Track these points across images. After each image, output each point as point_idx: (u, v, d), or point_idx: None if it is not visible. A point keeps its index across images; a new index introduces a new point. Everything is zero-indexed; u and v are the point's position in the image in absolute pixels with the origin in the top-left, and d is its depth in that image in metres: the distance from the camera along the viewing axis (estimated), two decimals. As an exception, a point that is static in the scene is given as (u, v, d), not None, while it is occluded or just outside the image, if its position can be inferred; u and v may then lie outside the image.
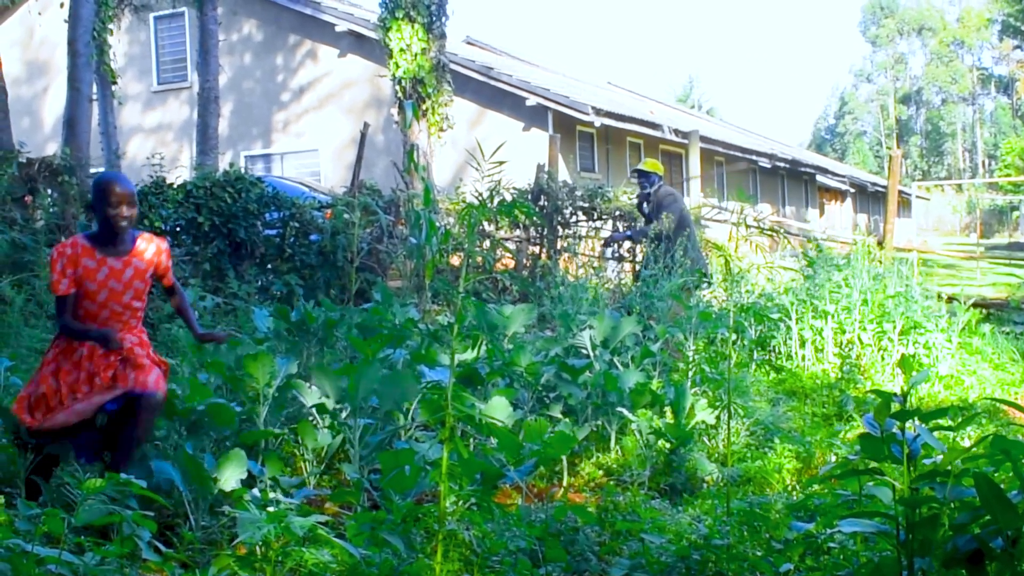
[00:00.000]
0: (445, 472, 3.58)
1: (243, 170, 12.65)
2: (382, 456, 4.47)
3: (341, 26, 21.12)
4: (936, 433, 3.71)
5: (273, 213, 11.18)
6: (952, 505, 3.29)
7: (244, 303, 9.64)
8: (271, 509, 3.48)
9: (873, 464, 3.43)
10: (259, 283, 10.69)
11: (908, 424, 3.32)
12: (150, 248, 5.01)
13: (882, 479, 3.43)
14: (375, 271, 11.23)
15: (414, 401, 5.57)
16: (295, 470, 5.52)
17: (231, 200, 10.73)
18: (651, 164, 9.15)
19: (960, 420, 4.45)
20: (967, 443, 5.57)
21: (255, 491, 4.03)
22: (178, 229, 10.62)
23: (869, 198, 35.75)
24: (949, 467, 3.40)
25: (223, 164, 14.03)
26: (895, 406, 3.33)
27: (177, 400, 5.27)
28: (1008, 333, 11.29)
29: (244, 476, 4.67)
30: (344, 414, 5.55)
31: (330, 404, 5.61)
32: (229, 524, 4.44)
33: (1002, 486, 3.20)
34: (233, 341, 6.55)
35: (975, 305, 12.46)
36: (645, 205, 8.84)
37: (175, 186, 10.77)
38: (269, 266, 11.03)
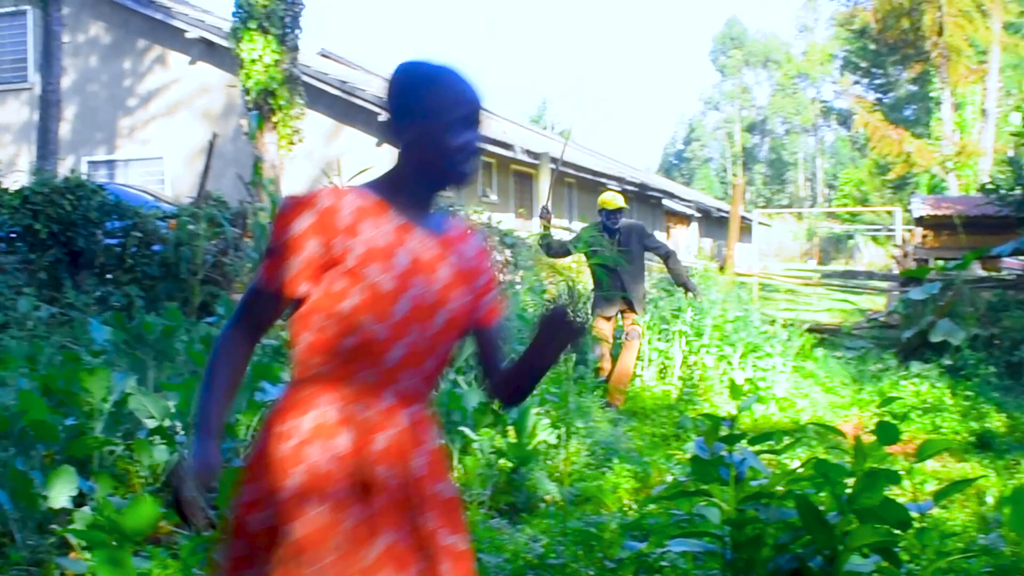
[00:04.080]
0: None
1: (85, 176, 12.31)
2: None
3: (192, 33, 20.72)
4: (765, 455, 3.85)
5: (115, 222, 10.90)
6: (776, 525, 3.43)
7: (81, 314, 9.37)
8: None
9: (703, 486, 3.55)
10: (98, 294, 10.40)
11: (736, 447, 3.44)
12: (473, 242, 2.55)
13: (711, 500, 3.55)
14: (219, 284, 11.05)
15: (255, 418, 5.50)
16: (129, 488, 5.39)
17: (71, 207, 10.43)
18: (613, 202, 9.25)
19: (786, 443, 4.62)
20: (797, 464, 5.78)
21: (86, 509, 3.93)
22: (13, 236, 10.27)
23: (714, 223, 36.72)
24: (774, 489, 3.55)
25: (64, 169, 13.63)
26: (724, 430, 3.45)
27: (6, 413, 5.10)
28: (840, 357, 11.74)
29: (74, 493, 4.54)
30: (183, 430, 5.45)
31: (168, 420, 5.50)
32: (58, 543, 4.32)
33: (822, 507, 3.35)
34: (68, 353, 6.36)
35: (810, 330, 12.92)
36: (610, 238, 8.94)
37: (11, 191, 10.42)
38: (109, 276, 10.75)
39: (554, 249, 9.21)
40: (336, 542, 2.18)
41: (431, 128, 2.36)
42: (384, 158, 18.79)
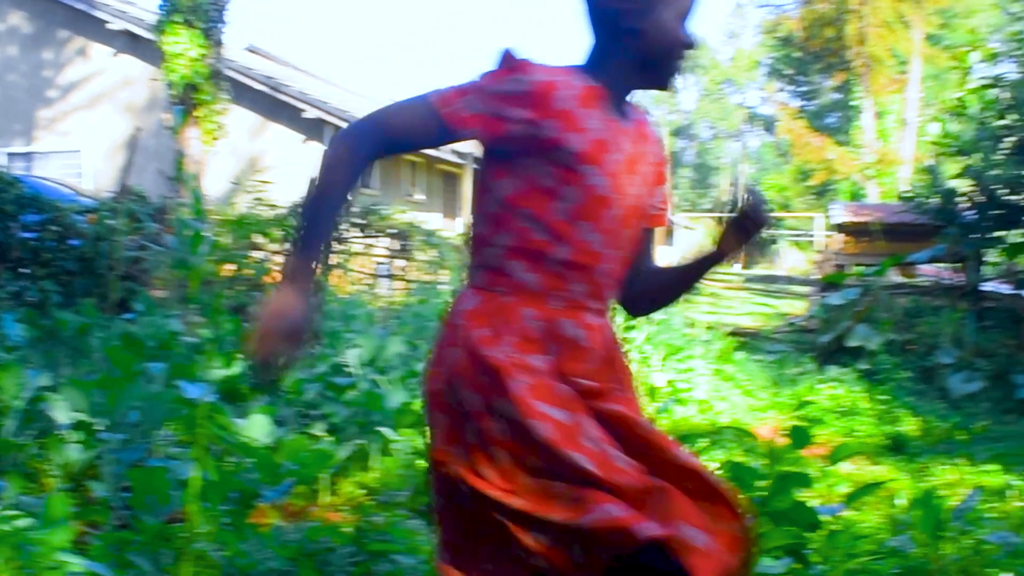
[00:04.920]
0: (195, 491, 3.52)
1: (2, 168, 12.06)
2: (132, 474, 4.34)
3: (115, 24, 20.41)
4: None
5: (32, 215, 10.68)
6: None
7: (-6, 309, 9.18)
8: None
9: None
10: (12, 289, 10.19)
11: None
12: (653, 133, 2.33)
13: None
14: (138, 280, 10.89)
15: (172, 417, 5.44)
16: (42, 487, 5.29)
17: (-14, 200, 10.22)
18: None
19: (703, 446, 4.67)
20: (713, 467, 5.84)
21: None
22: (-75, 229, 10.04)
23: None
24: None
25: (-20, 161, 13.35)
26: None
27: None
28: (760, 361, 11.90)
29: (-17, 493, 4.45)
30: (98, 429, 5.37)
31: (83, 419, 5.41)
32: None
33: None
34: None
35: (732, 333, 13.08)
36: None
37: (-76, 183, 10.18)
38: (24, 271, 10.53)
39: None
40: (584, 433, 1.99)
41: (665, 17, 2.13)
42: (310, 154, 18.68)
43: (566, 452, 1.93)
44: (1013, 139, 13.27)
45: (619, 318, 2.40)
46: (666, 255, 29.39)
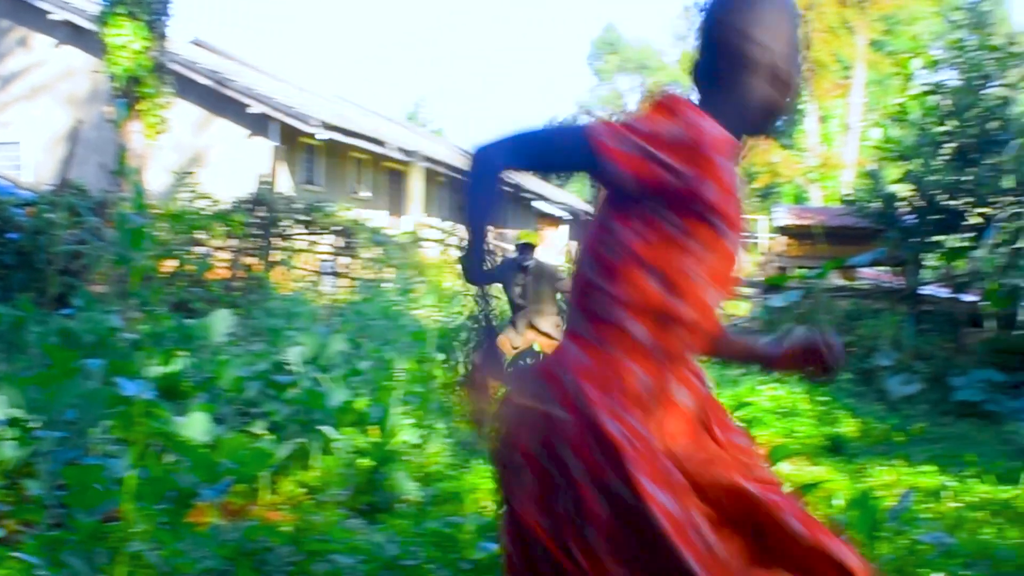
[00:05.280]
0: (131, 490, 3.48)
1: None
2: (68, 472, 4.28)
3: (57, 15, 20.12)
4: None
5: (-32, 208, 10.52)
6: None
7: (-70, 303, 9.02)
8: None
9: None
10: (-52, 282, 10.04)
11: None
12: None
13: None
14: (77, 275, 10.74)
15: (110, 415, 5.36)
16: (-27, 485, 5.20)
17: (-79, 192, 10.04)
18: (530, 236, 9.34)
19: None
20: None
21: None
22: None
23: (586, 226, 37.08)
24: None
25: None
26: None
27: None
28: (703, 361, 11.95)
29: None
30: (34, 426, 5.28)
31: (18, 416, 5.33)
32: None
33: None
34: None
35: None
36: (523, 275, 9.02)
37: None
38: (-40, 265, 10.37)
39: (473, 273, 9.18)
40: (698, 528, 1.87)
41: (785, 64, 2.09)
42: (254, 150, 18.55)
43: (676, 548, 1.82)
44: (952, 145, 13.47)
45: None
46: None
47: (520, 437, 1.97)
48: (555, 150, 1.93)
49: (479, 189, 1.95)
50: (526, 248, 9.11)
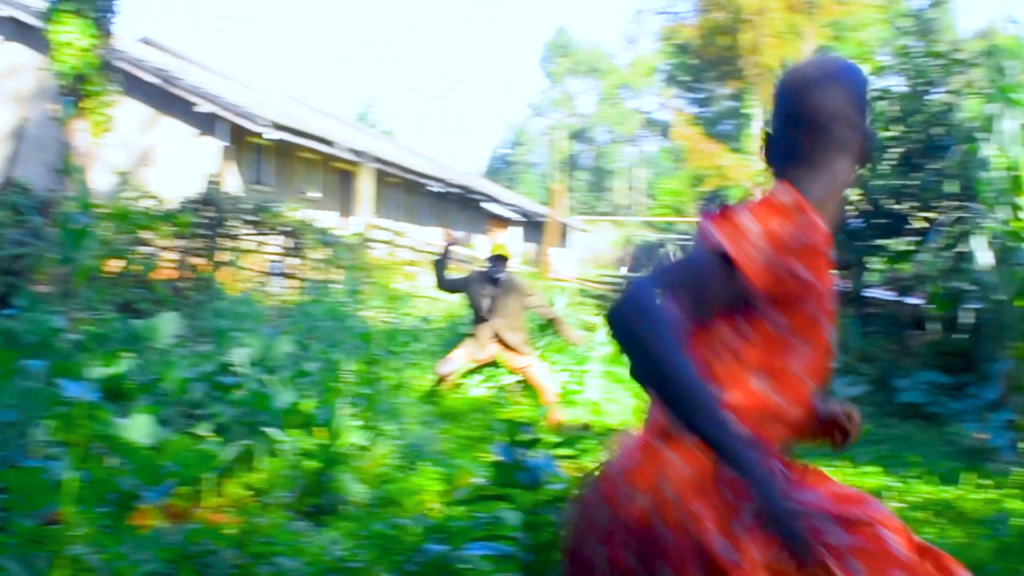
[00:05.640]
0: (72, 493, 3.44)
1: None
2: (7, 474, 4.22)
3: (2, 11, 19.84)
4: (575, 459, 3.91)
5: (-92, 207, 10.35)
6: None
7: None
8: None
9: (503, 490, 3.58)
10: None
11: (535, 452, 3.49)
12: None
13: (510, 504, 3.58)
14: (20, 275, 10.59)
15: (51, 416, 5.29)
16: None
17: None
18: (503, 248, 9.33)
19: (586, 447, 4.71)
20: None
21: None
22: None
23: (537, 228, 37.17)
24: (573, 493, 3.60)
25: None
26: (523, 434, 3.49)
27: None
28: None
29: None
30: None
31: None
32: None
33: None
34: None
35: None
36: (493, 287, 8.99)
37: None
38: (-100, 264, 10.20)
39: (446, 282, 9.17)
40: None
41: (869, 136, 2.05)
42: (202, 149, 18.39)
43: None
44: (898, 150, 13.64)
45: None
46: (564, 259, 29.57)
47: (607, 543, 1.89)
48: (705, 284, 1.80)
49: (657, 336, 1.69)
50: (498, 260, 9.11)
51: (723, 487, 1.82)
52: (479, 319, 9.08)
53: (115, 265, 10.87)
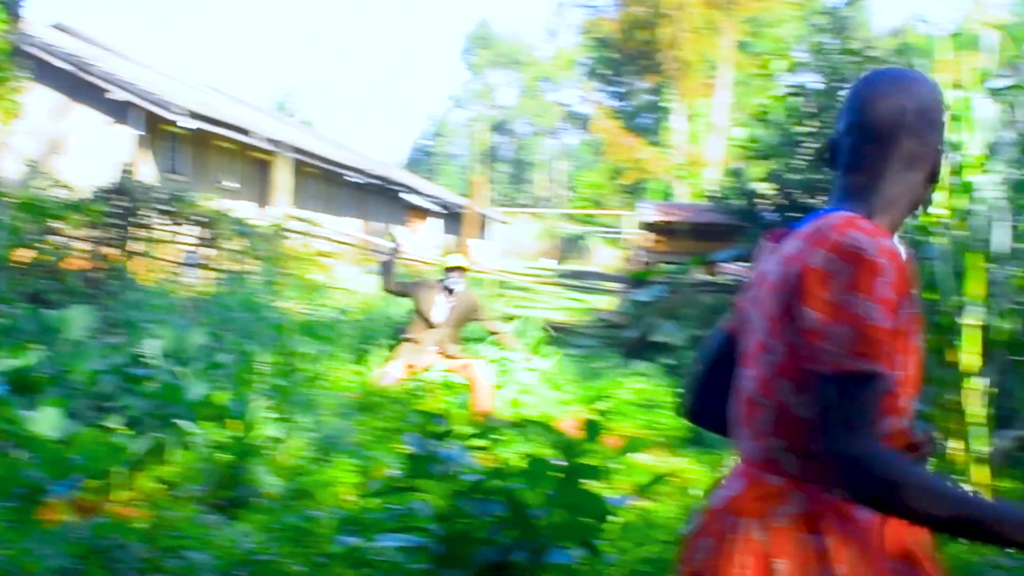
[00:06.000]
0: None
1: None
2: (-93, 469, 4.13)
3: (-94, -6, 19.31)
4: (500, 451, 3.91)
5: None
6: (485, 520, 3.49)
7: None
8: None
9: (416, 481, 3.58)
10: None
11: (448, 443, 3.49)
12: None
13: (424, 495, 3.58)
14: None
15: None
16: None
17: None
18: (461, 260, 9.27)
19: (501, 439, 4.73)
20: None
21: None
22: None
23: (457, 219, 37.13)
24: (488, 484, 3.61)
25: None
26: (437, 426, 3.49)
27: None
28: (570, 355, 12.09)
29: None
30: None
31: None
32: None
33: (529, 503, 3.43)
34: None
35: (543, 328, 13.25)
36: (447, 296, 8.96)
37: None
38: None
39: (395, 284, 9.11)
40: None
41: (941, 148, 2.00)
42: (116, 138, 18.08)
43: None
44: (813, 145, 13.87)
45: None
46: (485, 251, 29.58)
47: None
48: (875, 403, 1.72)
49: (925, 491, 1.67)
50: (456, 271, 9.10)
51: (856, 541, 1.81)
52: (425, 326, 9.06)
53: (25, 255, 10.64)
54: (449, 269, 9.15)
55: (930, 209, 8.60)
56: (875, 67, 2.07)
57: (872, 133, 1.97)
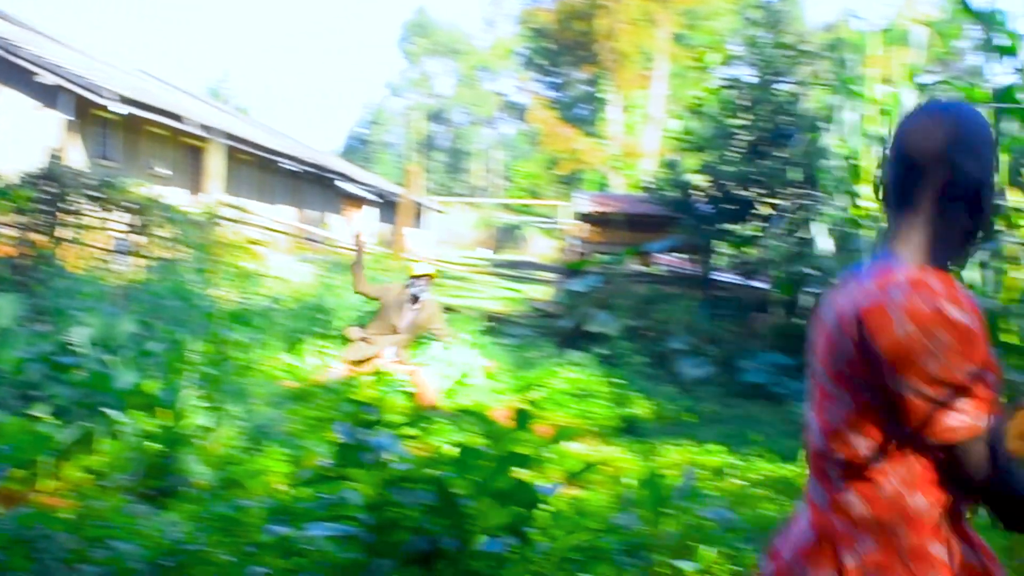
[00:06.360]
0: None
1: None
2: None
3: None
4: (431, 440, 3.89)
5: None
6: (415, 509, 3.48)
7: None
8: None
9: (346, 470, 3.56)
10: None
11: (378, 432, 3.48)
12: None
13: (354, 484, 3.56)
14: None
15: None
16: None
17: None
18: (429, 268, 9.23)
19: (429, 427, 4.72)
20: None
21: None
22: None
23: (393, 208, 36.96)
24: (419, 473, 3.60)
25: None
26: (367, 415, 3.47)
27: None
28: (505, 344, 12.11)
29: None
30: None
31: None
32: None
33: (460, 491, 3.43)
34: None
35: (479, 318, 13.26)
36: (412, 304, 8.93)
37: None
38: None
39: (364, 286, 9.07)
40: None
41: (993, 184, 1.97)
42: (44, 122, 17.78)
43: None
44: (746, 138, 14.00)
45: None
46: (421, 240, 29.48)
47: None
48: (1000, 438, 1.80)
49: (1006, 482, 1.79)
50: (424, 280, 9.11)
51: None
52: (386, 329, 9.07)
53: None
54: (416, 277, 9.17)
55: (861, 203, 8.70)
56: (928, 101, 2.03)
57: (907, 164, 1.97)
